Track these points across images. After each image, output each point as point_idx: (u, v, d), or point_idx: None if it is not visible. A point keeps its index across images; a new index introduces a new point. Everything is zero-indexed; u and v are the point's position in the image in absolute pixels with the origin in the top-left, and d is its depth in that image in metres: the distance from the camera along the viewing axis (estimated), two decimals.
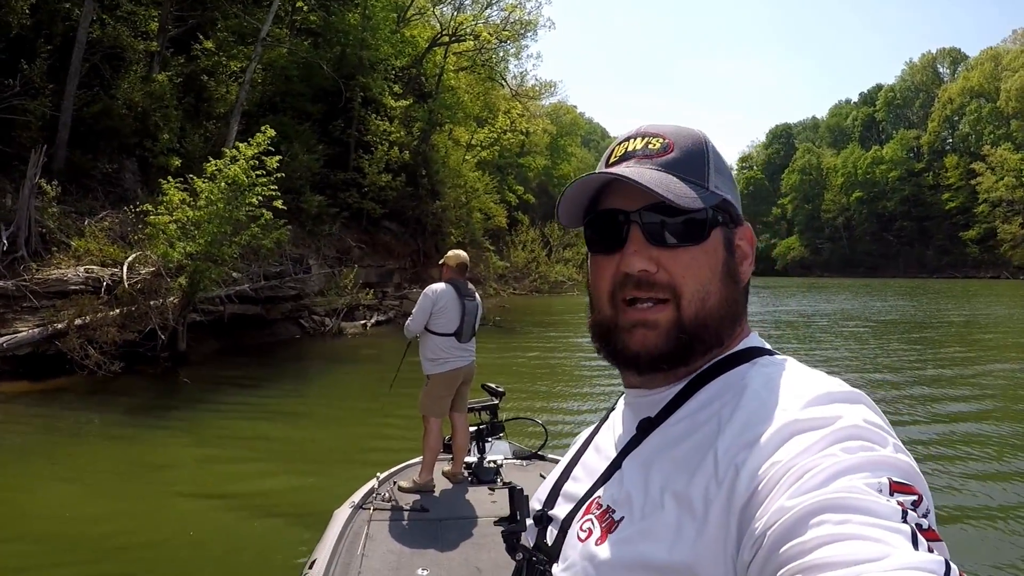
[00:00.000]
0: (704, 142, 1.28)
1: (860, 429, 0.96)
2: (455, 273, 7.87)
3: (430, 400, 7.59)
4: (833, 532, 0.81)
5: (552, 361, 22.17)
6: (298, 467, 10.55)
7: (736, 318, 1.26)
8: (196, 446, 11.68)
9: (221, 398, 15.04)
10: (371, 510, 6.36)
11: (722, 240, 1.25)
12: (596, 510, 1.22)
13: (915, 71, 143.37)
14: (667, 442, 1.17)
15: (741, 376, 1.18)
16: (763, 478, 0.95)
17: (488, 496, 7.02)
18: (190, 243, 17.27)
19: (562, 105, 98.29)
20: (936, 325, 34.28)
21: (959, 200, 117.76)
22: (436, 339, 7.62)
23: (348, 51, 33.77)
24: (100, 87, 22.35)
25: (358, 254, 32.16)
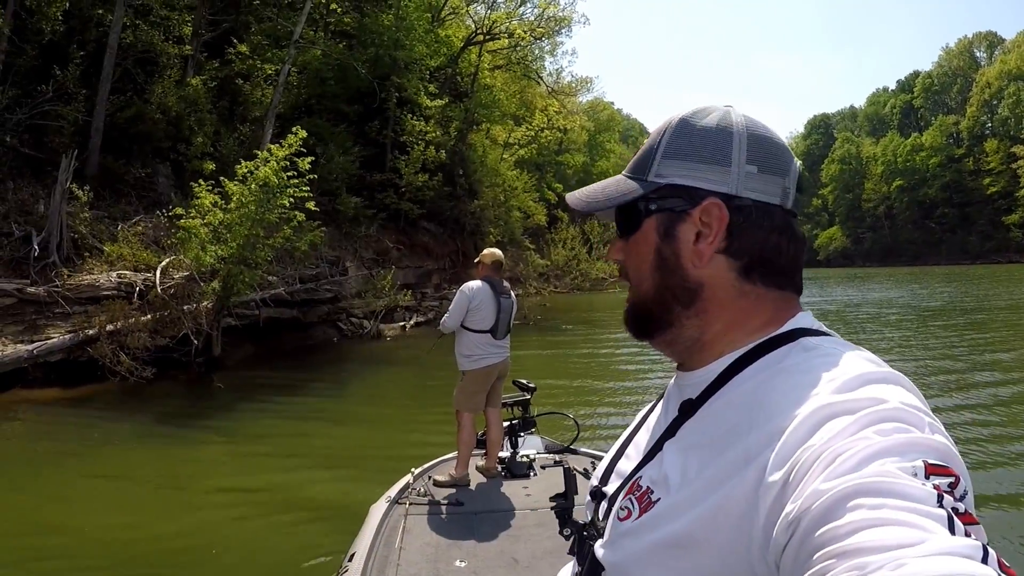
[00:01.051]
0: (662, 131, 1.30)
1: (895, 411, 0.93)
2: (491, 271, 7.88)
3: (464, 396, 7.60)
4: (868, 517, 0.79)
5: (589, 358, 21.90)
6: (334, 466, 10.50)
7: (681, 301, 1.26)
8: (230, 449, 11.49)
9: (255, 402, 14.78)
10: (407, 504, 6.39)
11: (655, 227, 1.27)
12: (636, 491, 1.24)
13: (952, 56, 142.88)
14: (704, 424, 1.18)
15: (779, 359, 1.16)
16: (797, 462, 0.93)
17: (523, 489, 7.06)
18: (222, 246, 17.07)
19: (599, 101, 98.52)
20: (987, 309, 34.02)
21: (1000, 184, 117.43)
22: (472, 336, 7.65)
23: (382, 52, 33.55)
24: (133, 92, 22.35)
25: (396, 255, 32.08)
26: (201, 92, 23.88)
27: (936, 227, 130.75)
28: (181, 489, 9.43)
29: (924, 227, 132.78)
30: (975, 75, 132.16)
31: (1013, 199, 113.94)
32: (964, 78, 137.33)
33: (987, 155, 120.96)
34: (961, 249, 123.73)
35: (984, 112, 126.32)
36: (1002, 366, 17.59)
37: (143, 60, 22.83)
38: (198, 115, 23.57)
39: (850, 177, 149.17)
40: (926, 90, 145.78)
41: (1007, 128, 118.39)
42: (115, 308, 16.19)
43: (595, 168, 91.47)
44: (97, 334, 15.63)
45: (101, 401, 14.72)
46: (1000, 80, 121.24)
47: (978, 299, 40.91)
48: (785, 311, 1.26)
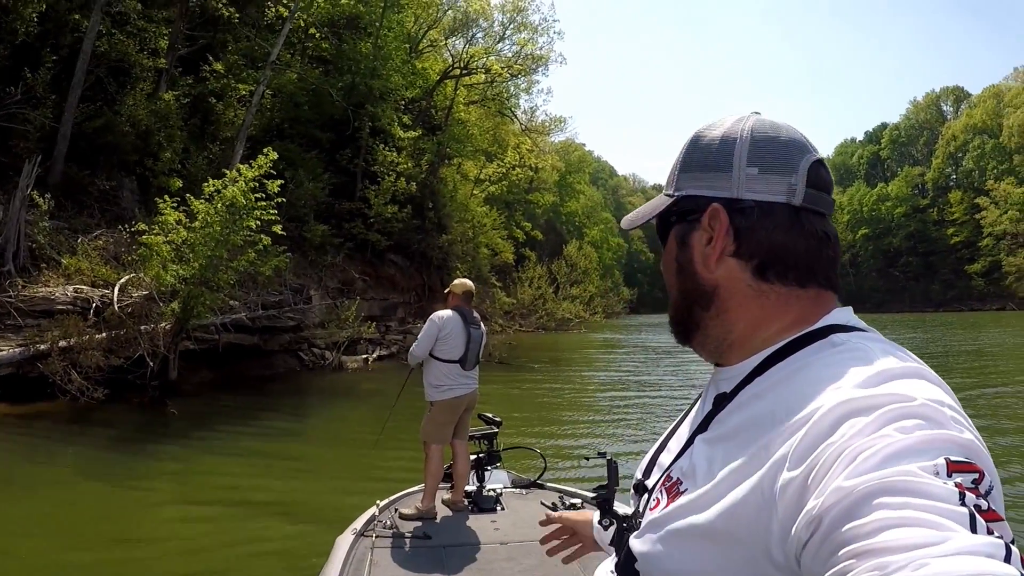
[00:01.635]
0: (685, 144, 1.34)
1: (917, 407, 0.94)
2: (461, 301, 7.77)
3: (432, 427, 7.48)
4: (891, 516, 0.81)
5: (555, 395, 21.73)
6: (293, 499, 10.06)
7: (699, 302, 1.30)
8: (180, 479, 11.01)
9: (210, 430, 14.23)
10: (373, 537, 6.24)
11: (675, 237, 1.33)
12: (667, 482, 1.27)
13: (919, 109, 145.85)
14: (732, 417, 1.20)
15: (808, 355, 1.17)
16: (819, 459, 0.94)
17: (491, 523, 6.93)
18: (184, 266, 16.55)
19: (571, 142, 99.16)
20: (953, 354, 34.39)
21: (964, 234, 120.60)
22: (440, 365, 7.50)
23: (358, 79, 33.50)
24: (104, 102, 21.95)
25: (361, 286, 31.67)
26: (173, 107, 23.48)
27: (900, 275, 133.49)
28: (125, 519, 9.01)
29: (888, 275, 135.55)
30: (941, 128, 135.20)
31: (976, 249, 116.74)
32: (931, 131, 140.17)
33: (951, 206, 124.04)
34: (924, 297, 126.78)
35: (949, 164, 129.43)
36: (975, 406, 17.74)
37: (116, 70, 22.50)
38: (168, 130, 23.15)
39: None
40: (893, 141, 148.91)
41: (971, 180, 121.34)
42: (69, 324, 15.58)
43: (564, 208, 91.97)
44: (49, 349, 15.01)
45: (49, 420, 14.23)
46: (965, 133, 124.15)
47: (944, 345, 41.79)
48: (818, 307, 1.26)
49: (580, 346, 44.19)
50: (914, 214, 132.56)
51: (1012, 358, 32.73)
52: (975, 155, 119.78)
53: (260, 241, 17.82)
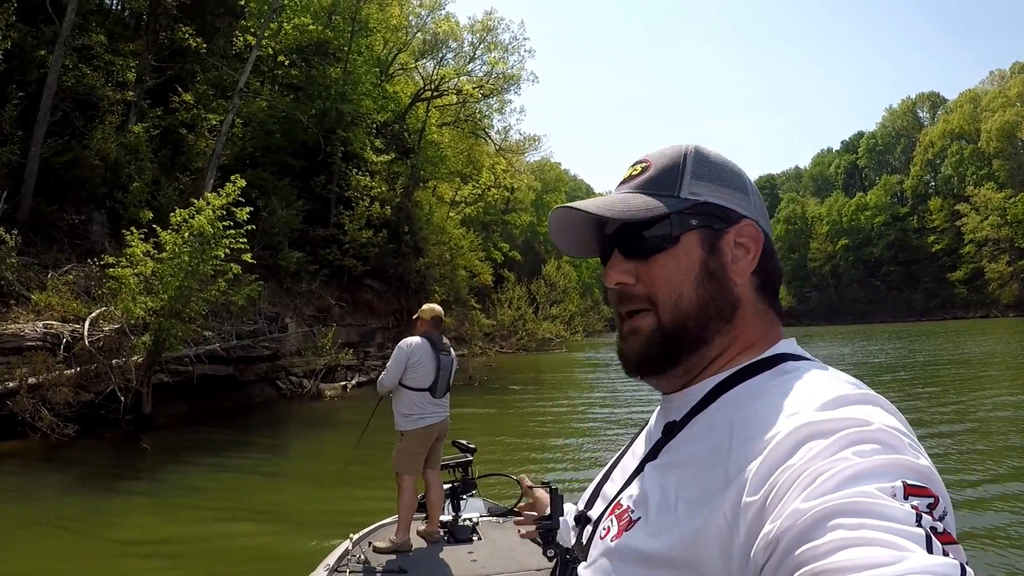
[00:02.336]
0: (683, 154, 1.33)
1: (874, 432, 0.95)
2: (430, 327, 7.73)
3: (403, 457, 7.35)
4: (847, 537, 0.81)
5: (532, 419, 21.45)
6: (269, 532, 9.96)
7: (723, 314, 1.27)
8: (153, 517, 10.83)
9: (184, 465, 14.01)
10: (347, 573, 6.11)
11: (699, 241, 1.28)
12: (617, 510, 1.26)
13: (895, 117, 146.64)
14: (685, 445, 1.20)
15: (761, 382, 1.19)
16: (776, 482, 0.95)
17: (468, 555, 6.82)
18: (152, 298, 16.38)
19: (546, 162, 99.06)
20: (936, 363, 34.57)
21: (945, 242, 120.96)
22: (410, 394, 7.38)
23: (329, 104, 33.40)
24: (71, 136, 21.83)
25: (338, 312, 31.60)
26: (142, 139, 23.40)
27: (881, 285, 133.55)
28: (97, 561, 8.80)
29: (869, 285, 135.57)
30: (918, 135, 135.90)
31: (957, 256, 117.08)
32: (907, 138, 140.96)
33: (931, 213, 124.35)
34: (906, 306, 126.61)
35: (927, 171, 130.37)
36: (958, 412, 18.15)
37: (84, 104, 22.53)
38: (138, 163, 23.01)
39: (795, 237, 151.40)
40: (870, 150, 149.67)
41: (950, 186, 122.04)
42: (38, 360, 15.34)
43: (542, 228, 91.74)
44: (18, 387, 14.77)
45: (20, 459, 14.03)
46: (943, 139, 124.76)
47: (929, 354, 41.85)
48: (773, 334, 1.30)
49: (561, 366, 44.16)
50: (894, 223, 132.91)
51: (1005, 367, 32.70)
52: (953, 161, 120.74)
53: (230, 270, 17.64)
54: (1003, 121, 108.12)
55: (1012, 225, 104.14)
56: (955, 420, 17.34)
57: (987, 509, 10.12)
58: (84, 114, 22.51)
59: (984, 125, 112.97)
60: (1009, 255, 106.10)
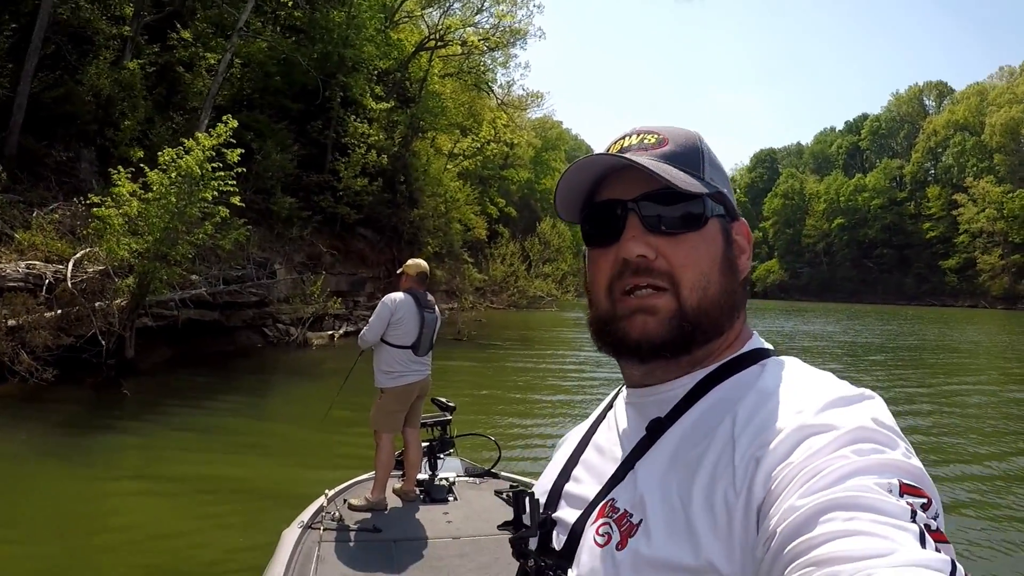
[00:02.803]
0: (698, 139, 1.30)
1: (872, 432, 0.97)
2: (415, 283, 7.65)
3: (382, 415, 7.33)
4: (841, 528, 0.83)
5: (518, 377, 21.49)
6: (244, 488, 9.78)
7: (735, 309, 1.26)
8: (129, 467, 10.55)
9: (164, 414, 13.68)
10: (321, 530, 6.09)
11: (720, 229, 1.26)
12: (612, 514, 1.19)
13: (901, 102, 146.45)
14: (682, 444, 1.16)
15: (753, 378, 1.18)
16: (776, 479, 0.97)
17: (443, 515, 6.86)
18: (137, 240, 15.98)
19: (548, 120, 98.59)
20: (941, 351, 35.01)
21: (940, 230, 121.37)
22: (392, 351, 7.38)
23: (330, 49, 32.88)
24: (64, 71, 21.34)
25: (329, 260, 31.29)
26: (138, 76, 22.94)
27: (873, 266, 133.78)
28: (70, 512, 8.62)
29: (862, 266, 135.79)
30: (923, 122, 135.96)
31: (951, 245, 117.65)
32: (911, 124, 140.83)
33: (928, 200, 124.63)
34: (897, 289, 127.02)
35: (929, 159, 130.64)
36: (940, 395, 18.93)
37: (78, 38, 21.99)
38: (132, 100, 22.57)
39: (792, 212, 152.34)
40: (873, 132, 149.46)
41: (950, 176, 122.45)
42: (18, 301, 14.89)
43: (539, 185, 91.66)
44: None
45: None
46: (946, 129, 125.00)
47: (920, 338, 42.87)
48: (746, 330, 1.30)
49: (551, 324, 44.80)
50: (891, 206, 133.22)
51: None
52: (955, 151, 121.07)
53: (218, 213, 17.21)
54: (1008, 117, 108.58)
55: (1008, 220, 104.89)
56: (937, 402, 18.22)
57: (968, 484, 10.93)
58: (78, 48, 22.02)
59: (989, 119, 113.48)
60: (1002, 249, 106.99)
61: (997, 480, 11.48)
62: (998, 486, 11.13)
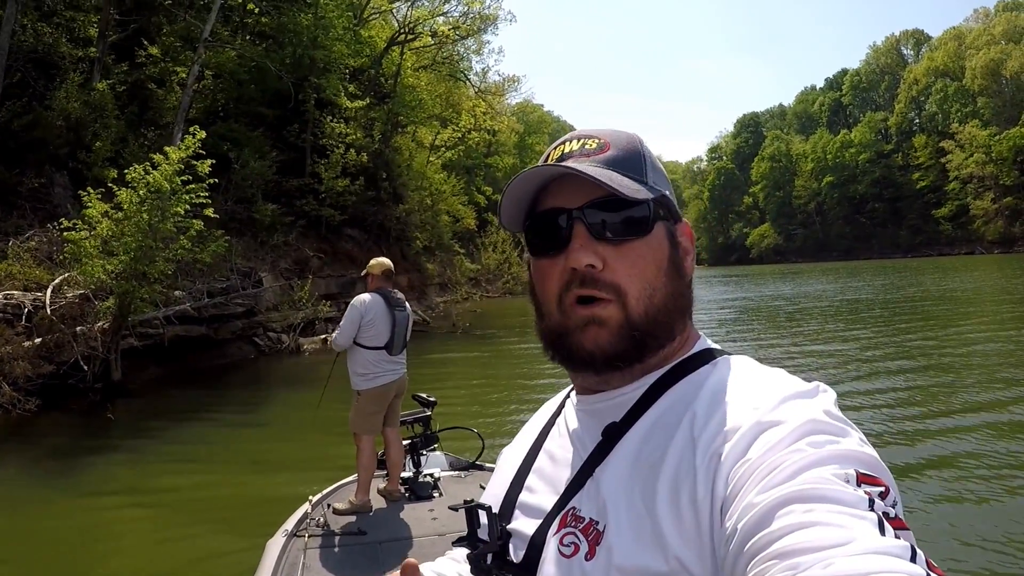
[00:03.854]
0: (639, 141, 1.29)
1: (825, 424, 0.98)
2: (382, 282, 7.59)
3: (360, 417, 7.30)
4: (800, 520, 0.84)
5: (512, 368, 21.42)
6: (232, 500, 9.72)
7: (685, 311, 1.27)
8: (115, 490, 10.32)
9: (149, 434, 13.43)
10: (306, 537, 6.03)
11: (665, 234, 1.25)
12: (576, 523, 1.17)
13: (879, 54, 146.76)
14: (642, 448, 1.15)
15: (704, 378, 1.18)
16: (736, 476, 0.97)
17: (428, 512, 6.84)
18: (111, 260, 15.77)
19: (528, 103, 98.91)
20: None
21: (930, 179, 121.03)
22: (365, 353, 7.34)
23: (300, 52, 32.59)
24: (32, 98, 21.05)
25: (317, 264, 31.02)
26: (108, 97, 22.72)
27: (867, 222, 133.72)
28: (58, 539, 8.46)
29: (855, 222, 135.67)
30: (903, 72, 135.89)
31: (942, 193, 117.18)
32: (892, 75, 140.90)
33: (916, 150, 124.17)
34: (892, 243, 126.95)
35: (912, 108, 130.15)
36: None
37: (43, 64, 21.75)
38: (103, 120, 22.34)
39: (780, 175, 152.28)
40: (854, 87, 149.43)
41: (935, 123, 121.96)
42: None
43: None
44: None
45: None
46: (927, 77, 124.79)
47: (918, 289, 43.23)
48: (693, 332, 1.30)
49: None
50: (879, 160, 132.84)
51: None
52: (938, 98, 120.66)
53: (192, 226, 17.01)
54: (988, 59, 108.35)
55: (996, 163, 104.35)
56: (935, 353, 18.52)
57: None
58: (44, 74, 21.84)
59: (969, 63, 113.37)
60: (994, 192, 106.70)
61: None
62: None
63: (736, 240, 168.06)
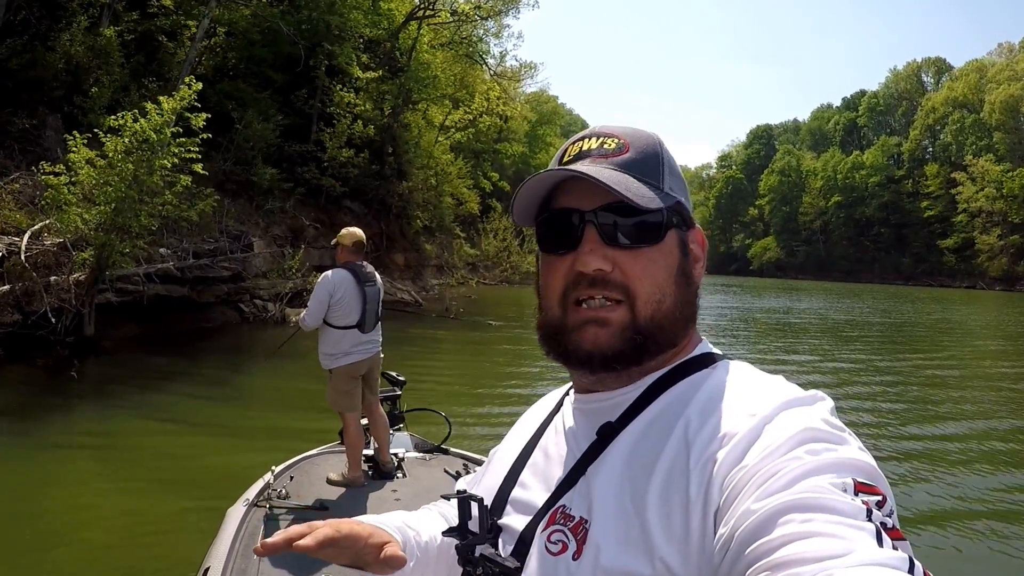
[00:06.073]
0: (659, 144, 1.28)
1: (824, 432, 0.99)
2: (351, 254, 7.23)
3: (339, 396, 7.04)
4: (799, 530, 0.84)
5: (497, 356, 21.19)
6: (195, 468, 9.32)
7: (690, 319, 1.27)
8: (64, 452, 9.80)
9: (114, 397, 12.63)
10: (267, 508, 5.86)
11: (677, 242, 1.26)
12: (566, 522, 1.18)
13: (899, 79, 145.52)
14: (635, 449, 1.16)
15: (703, 381, 1.19)
16: (732, 482, 0.98)
17: (391, 493, 6.77)
18: (90, 210, 15.09)
19: (543, 94, 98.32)
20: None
21: (938, 209, 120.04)
22: (336, 332, 7.07)
23: (315, 15, 31.90)
24: (35, 38, 20.52)
25: (313, 234, 30.44)
26: (114, 43, 22.13)
27: (871, 245, 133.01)
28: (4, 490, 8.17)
29: (859, 244, 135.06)
30: (921, 99, 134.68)
31: (949, 224, 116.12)
32: (910, 101, 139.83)
33: (927, 179, 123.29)
34: (894, 268, 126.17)
35: (927, 136, 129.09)
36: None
37: (50, 3, 21.24)
38: (107, 67, 21.76)
39: (788, 189, 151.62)
40: (871, 109, 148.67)
41: (948, 154, 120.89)
42: None
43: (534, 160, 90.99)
44: None
45: None
46: (945, 106, 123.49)
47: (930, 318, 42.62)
48: (695, 335, 1.30)
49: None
50: (888, 184, 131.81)
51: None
52: (954, 129, 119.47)
53: (179, 181, 16.39)
54: (1008, 94, 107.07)
55: (1007, 199, 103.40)
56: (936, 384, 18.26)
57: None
58: (50, 14, 21.33)
59: (988, 96, 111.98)
60: (1001, 228, 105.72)
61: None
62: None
63: (738, 250, 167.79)
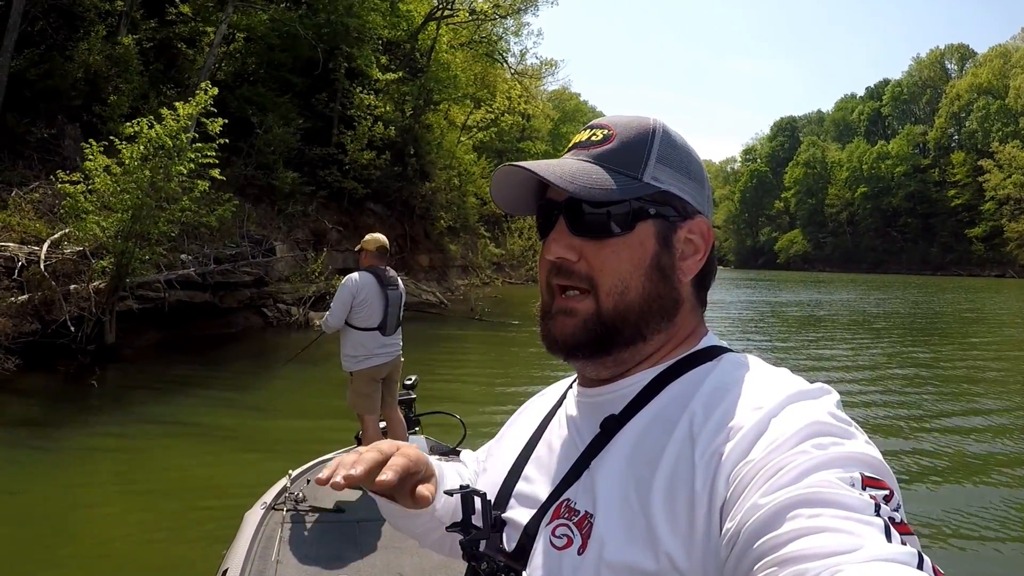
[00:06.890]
0: (650, 132, 1.26)
1: (830, 426, 0.98)
2: (375, 259, 7.44)
3: (359, 398, 7.26)
4: (807, 525, 0.84)
5: (518, 358, 20.83)
6: (215, 476, 9.20)
7: (665, 313, 1.24)
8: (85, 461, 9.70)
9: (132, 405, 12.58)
10: (284, 511, 5.93)
11: (653, 233, 1.24)
12: (571, 516, 1.18)
13: (923, 67, 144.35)
14: (639, 442, 1.15)
15: (707, 374, 1.18)
16: (738, 477, 0.97)
17: None
18: (108, 218, 14.99)
19: (565, 91, 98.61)
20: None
21: (965, 197, 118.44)
22: (358, 334, 7.24)
23: (334, 18, 31.84)
24: (53, 48, 20.59)
25: (336, 237, 30.43)
26: (133, 52, 22.11)
27: (898, 236, 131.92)
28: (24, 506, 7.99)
29: (886, 235, 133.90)
30: (945, 87, 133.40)
31: (977, 212, 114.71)
32: (934, 89, 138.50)
33: (953, 167, 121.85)
34: (922, 259, 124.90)
35: (952, 124, 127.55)
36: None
37: (68, 15, 21.24)
38: (126, 75, 21.76)
39: (814, 181, 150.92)
40: (895, 98, 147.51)
41: (974, 141, 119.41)
42: None
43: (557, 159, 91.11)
44: None
45: None
46: (970, 93, 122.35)
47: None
48: (701, 327, 1.30)
49: None
50: (915, 174, 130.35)
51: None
52: (979, 116, 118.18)
53: (196, 187, 16.28)
54: None
55: None
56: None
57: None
58: (68, 23, 21.29)
59: (1013, 82, 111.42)
60: None
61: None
62: None
63: (764, 244, 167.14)
